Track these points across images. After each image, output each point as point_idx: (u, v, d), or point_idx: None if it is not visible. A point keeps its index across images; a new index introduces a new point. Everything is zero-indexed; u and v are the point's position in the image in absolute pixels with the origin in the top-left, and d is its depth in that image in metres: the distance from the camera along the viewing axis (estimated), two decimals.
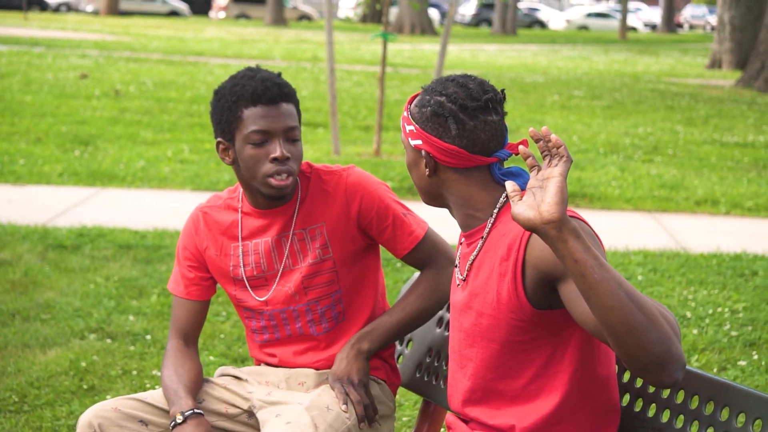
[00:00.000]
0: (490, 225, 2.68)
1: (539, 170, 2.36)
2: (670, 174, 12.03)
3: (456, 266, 2.81)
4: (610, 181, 11.42)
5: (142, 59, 25.87)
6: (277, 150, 3.18)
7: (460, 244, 2.82)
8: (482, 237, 2.69)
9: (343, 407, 3.10)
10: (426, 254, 3.34)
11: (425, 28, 49.14)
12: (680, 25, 71.22)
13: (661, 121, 17.31)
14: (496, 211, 2.68)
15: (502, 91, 2.70)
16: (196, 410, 3.13)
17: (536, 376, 2.64)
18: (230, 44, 33.62)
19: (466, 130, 2.65)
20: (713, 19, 65.82)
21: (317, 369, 3.34)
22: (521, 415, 2.66)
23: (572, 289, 2.48)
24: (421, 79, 23.41)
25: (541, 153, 2.37)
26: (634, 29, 64.49)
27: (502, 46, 40.87)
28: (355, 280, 3.35)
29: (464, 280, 2.74)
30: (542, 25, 64.93)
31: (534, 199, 2.32)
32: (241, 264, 3.34)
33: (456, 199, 2.71)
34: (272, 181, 3.20)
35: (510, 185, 2.37)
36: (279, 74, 3.30)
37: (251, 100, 3.20)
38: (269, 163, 3.19)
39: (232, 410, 3.31)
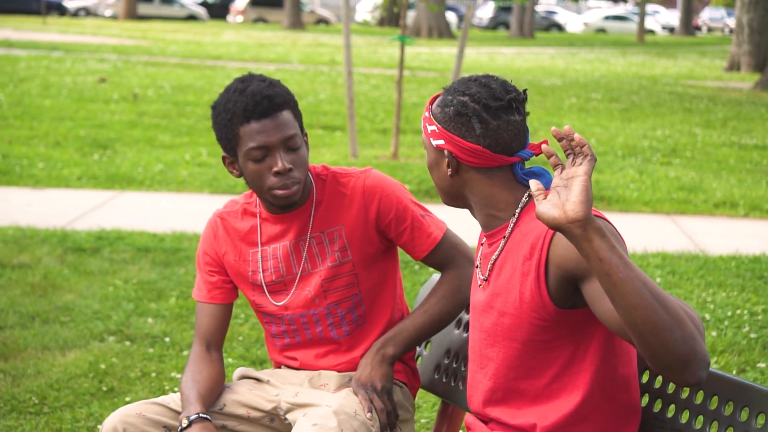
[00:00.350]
0: (512, 225, 2.68)
1: (563, 169, 2.37)
2: (689, 176, 12.00)
3: (477, 266, 2.81)
4: (628, 183, 11.40)
5: (160, 63, 25.94)
6: (278, 163, 3.18)
7: (481, 244, 2.82)
8: (504, 237, 2.70)
9: (368, 415, 3.10)
10: (445, 256, 3.33)
11: (443, 32, 49.12)
12: (698, 28, 71.02)
13: (680, 123, 17.27)
14: (518, 210, 2.68)
15: (524, 91, 2.71)
16: (201, 414, 3.12)
17: (558, 375, 2.64)
18: (248, 48, 33.68)
19: (490, 130, 2.65)
20: (731, 22, 65.64)
21: (339, 371, 3.35)
22: (542, 415, 2.66)
23: (596, 288, 2.48)
24: (438, 82, 23.40)
25: (565, 152, 2.37)
26: (652, 32, 64.33)
27: (519, 49, 40.84)
28: (375, 282, 3.35)
29: (486, 280, 2.74)
30: (560, 28, 64.84)
31: (559, 198, 2.33)
32: (260, 269, 3.35)
33: (478, 199, 2.71)
34: (278, 192, 3.20)
35: (534, 184, 2.37)
36: (271, 82, 3.25)
37: (244, 117, 3.17)
38: (272, 176, 3.19)
39: (254, 414, 3.30)
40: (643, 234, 9.18)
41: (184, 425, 3.10)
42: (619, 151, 13.88)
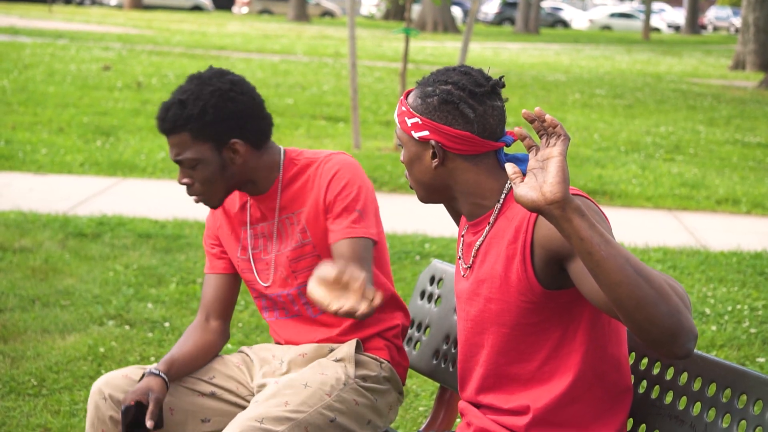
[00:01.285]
0: (497, 211, 2.67)
1: (537, 151, 2.36)
2: (691, 173, 12.00)
3: (459, 257, 2.80)
4: (630, 178, 11.39)
5: (165, 53, 25.93)
6: (178, 177, 3.31)
7: (461, 235, 2.81)
8: (489, 223, 2.68)
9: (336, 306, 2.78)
10: (349, 257, 3.20)
11: (447, 26, 49.09)
12: (704, 27, 70.93)
13: (683, 120, 17.26)
14: (503, 197, 2.67)
15: (501, 78, 2.70)
16: (153, 370, 3.24)
17: (548, 357, 2.64)
18: (253, 39, 33.67)
19: (477, 115, 2.63)
20: (737, 21, 65.57)
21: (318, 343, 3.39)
22: (535, 397, 2.66)
23: (581, 267, 2.47)
24: None
25: (538, 133, 2.36)
26: (657, 30, 64.28)
27: (524, 45, 40.80)
28: None
29: (469, 268, 2.73)
30: (565, 24, 64.77)
31: (536, 180, 2.31)
32: (249, 247, 3.41)
33: (463, 188, 2.69)
34: (194, 200, 3.34)
35: (510, 167, 2.36)
36: (179, 101, 3.22)
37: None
38: None
39: (241, 389, 3.39)
40: (645, 229, 9.17)
41: (138, 378, 3.27)
42: (622, 147, 13.87)
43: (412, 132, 2.66)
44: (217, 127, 3.22)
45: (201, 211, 8.84)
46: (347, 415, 3.20)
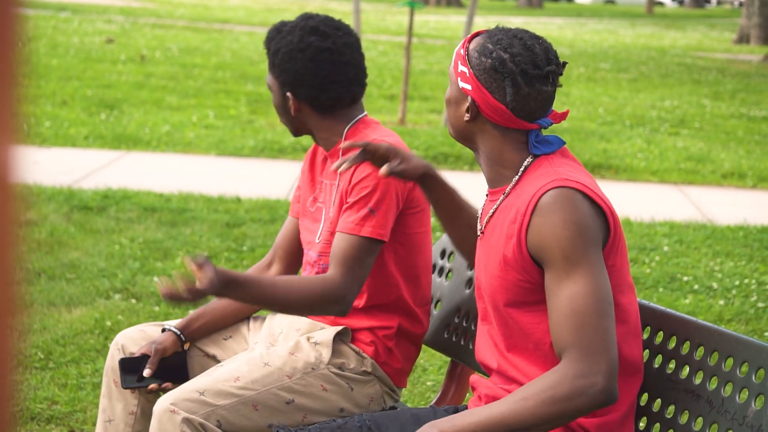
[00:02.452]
0: (512, 185, 2.64)
1: None
2: (697, 147, 11.96)
3: (477, 217, 2.79)
4: (636, 153, 11.36)
5: (168, 26, 25.85)
6: None
7: (486, 195, 2.79)
8: (503, 194, 2.66)
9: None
10: (341, 253, 3.14)
11: (451, 0, 48.91)
12: (708, 0, 70.67)
13: (688, 94, 17.20)
14: (520, 172, 2.63)
15: (564, 64, 2.64)
16: (171, 328, 3.38)
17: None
18: (256, 12, 33.56)
19: (519, 95, 2.58)
20: None
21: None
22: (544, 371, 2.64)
23: (550, 281, 2.50)
24: (446, 50, 23.31)
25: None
26: (661, 4, 64.04)
27: (528, 19, 40.65)
28: None
29: (482, 233, 2.73)
30: None
31: None
32: (310, 199, 3.39)
33: (487, 151, 2.66)
34: None
35: None
36: (278, 29, 3.33)
37: None
38: None
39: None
40: (651, 203, 9.15)
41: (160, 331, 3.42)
42: (627, 121, 13.83)
43: (459, 79, 2.65)
44: (279, 72, 3.28)
45: (205, 185, 8.82)
46: (310, 398, 3.16)
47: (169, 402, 3.03)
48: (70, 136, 10.90)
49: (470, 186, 9.52)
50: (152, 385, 3.30)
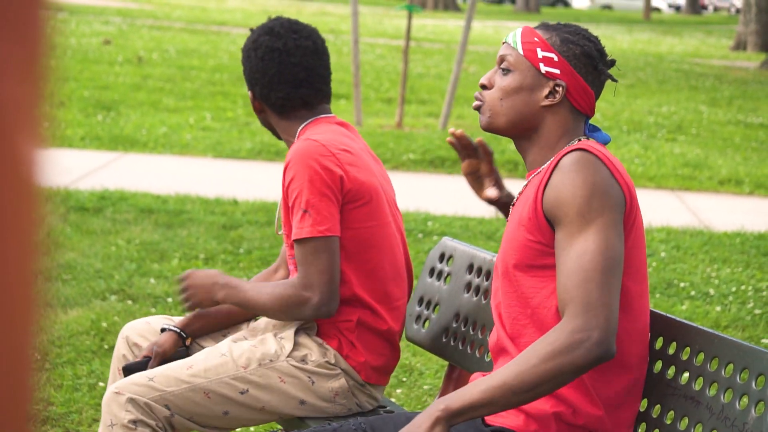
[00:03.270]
0: (546, 164, 2.70)
1: None
2: (694, 153, 11.96)
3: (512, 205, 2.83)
4: (633, 158, 11.36)
5: (165, 27, 25.83)
6: None
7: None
8: (536, 172, 2.71)
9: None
10: (300, 259, 3.18)
11: (448, 4, 48.93)
12: (705, 7, 70.74)
13: (685, 101, 17.20)
14: (558, 154, 2.67)
15: (614, 60, 2.81)
16: (171, 327, 3.44)
17: (554, 314, 2.61)
18: (253, 15, 33.54)
19: (601, 81, 2.74)
20: (738, 1, 65.38)
21: None
22: None
23: (560, 240, 2.54)
24: (444, 54, 23.31)
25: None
26: (658, 10, 64.10)
27: (525, 24, 40.64)
28: None
29: (512, 207, 2.80)
30: (566, 3, 64.59)
31: None
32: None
33: (549, 135, 2.72)
34: None
35: None
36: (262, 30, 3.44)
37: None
38: None
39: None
40: (648, 209, 9.13)
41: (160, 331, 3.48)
42: (624, 127, 13.84)
43: (541, 64, 2.71)
44: (243, 70, 3.40)
45: (202, 187, 8.81)
46: (265, 390, 3.21)
47: (114, 387, 3.15)
48: (66, 137, 10.89)
49: (467, 189, 9.52)
50: None
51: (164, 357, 3.37)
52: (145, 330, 3.50)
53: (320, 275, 3.14)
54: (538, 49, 2.73)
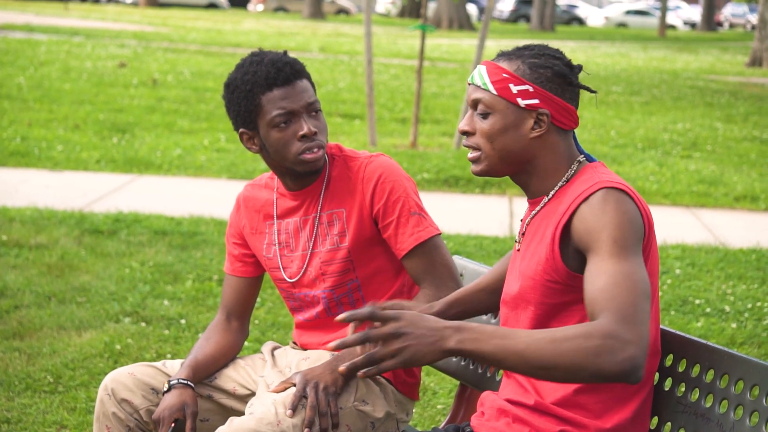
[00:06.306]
0: (555, 190, 2.70)
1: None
2: (709, 170, 11.92)
3: (519, 233, 2.80)
4: (648, 175, 11.33)
5: (180, 50, 25.93)
6: (304, 127, 3.18)
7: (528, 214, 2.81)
8: (547, 197, 2.71)
9: (289, 413, 2.97)
10: (426, 264, 3.20)
11: (463, 24, 49.01)
12: (720, 24, 70.68)
13: (700, 117, 17.17)
14: (564, 180, 2.69)
15: (581, 66, 2.81)
16: (181, 380, 3.20)
17: None
18: (268, 36, 33.65)
19: (576, 92, 2.74)
20: (754, 18, 65.32)
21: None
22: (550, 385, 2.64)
23: (592, 265, 2.49)
24: (458, 73, 23.33)
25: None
26: (673, 27, 64.06)
27: (539, 42, 40.65)
28: (376, 269, 3.29)
29: (519, 243, 2.77)
30: (580, 22, 64.60)
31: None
32: (275, 242, 3.35)
33: (546, 163, 2.71)
34: (306, 156, 3.18)
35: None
36: (285, 53, 3.29)
37: (266, 86, 3.18)
38: (298, 141, 3.18)
39: (240, 390, 3.34)
40: (663, 226, 9.11)
41: (164, 389, 3.20)
42: (639, 144, 13.81)
43: (519, 99, 2.68)
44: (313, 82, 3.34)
45: (216, 208, 8.82)
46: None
47: None
48: (82, 159, 10.92)
49: (481, 209, 9.55)
50: None
51: (196, 414, 3.17)
52: (132, 383, 3.24)
53: (451, 269, 3.22)
54: (511, 85, 2.69)
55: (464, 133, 2.74)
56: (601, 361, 2.29)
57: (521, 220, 2.81)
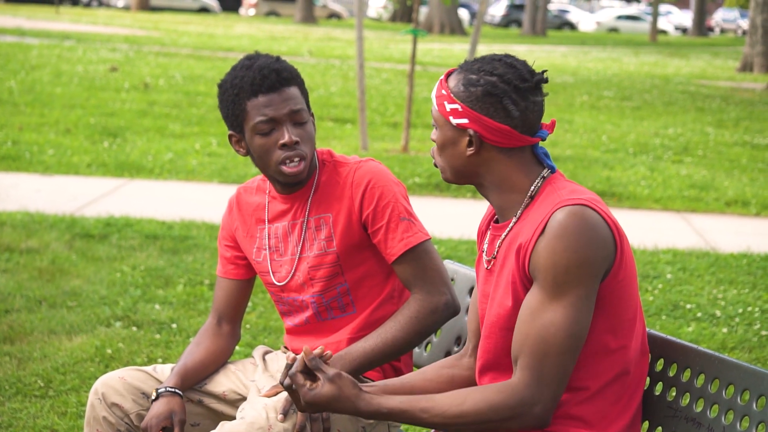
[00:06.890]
0: (523, 207, 2.65)
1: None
2: (700, 174, 11.95)
3: (483, 251, 2.76)
4: (639, 180, 11.34)
5: (172, 54, 25.92)
6: (285, 136, 3.17)
7: (488, 228, 2.77)
8: (515, 217, 2.66)
9: (280, 417, 3.00)
10: (416, 269, 3.19)
11: (455, 28, 49.04)
12: (711, 29, 70.79)
13: (692, 122, 17.20)
14: (528, 198, 2.65)
15: (544, 72, 2.67)
16: (169, 388, 3.20)
17: None
18: (260, 41, 33.65)
19: (519, 111, 2.61)
20: (745, 24, 65.46)
21: None
22: None
23: (531, 300, 2.55)
24: None
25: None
26: (664, 32, 64.15)
27: (531, 47, 40.73)
28: (365, 274, 3.28)
29: (494, 259, 2.71)
30: (572, 26, 64.67)
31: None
32: (266, 246, 3.34)
33: (494, 179, 2.66)
34: (284, 168, 3.19)
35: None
36: (278, 58, 3.28)
37: (251, 92, 3.19)
38: (279, 150, 3.18)
39: (231, 395, 3.34)
40: (654, 231, 9.13)
41: (153, 396, 3.20)
42: (631, 149, 13.83)
43: (451, 117, 2.64)
44: (306, 90, 3.34)
45: (208, 212, 8.81)
46: None
47: None
48: (73, 163, 10.91)
49: (472, 213, 9.53)
50: None
51: (184, 423, 3.18)
52: (122, 387, 3.24)
53: (441, 274, 3.21)
54: (446, 103, 2.66)
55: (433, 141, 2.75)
56: (510, 423, 2.52)
57: (489, 231, 2.76)
